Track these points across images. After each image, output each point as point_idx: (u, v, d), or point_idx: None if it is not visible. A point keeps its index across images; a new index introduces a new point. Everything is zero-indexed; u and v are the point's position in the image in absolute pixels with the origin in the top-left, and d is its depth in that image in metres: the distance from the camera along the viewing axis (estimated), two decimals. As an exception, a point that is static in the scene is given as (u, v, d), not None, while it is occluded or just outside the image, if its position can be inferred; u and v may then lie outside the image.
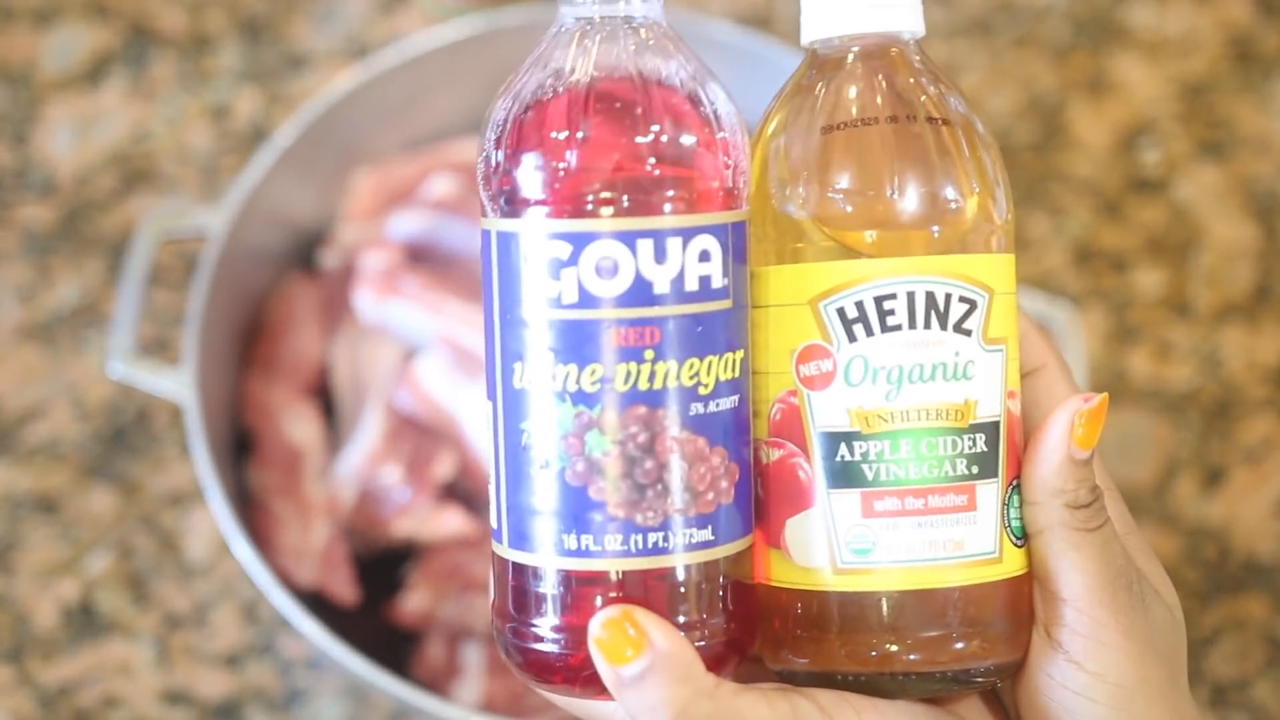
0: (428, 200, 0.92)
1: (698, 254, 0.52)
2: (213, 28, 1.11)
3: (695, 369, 0.52)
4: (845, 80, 0.55)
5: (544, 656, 0.53)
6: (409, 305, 0.87)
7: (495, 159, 0.53)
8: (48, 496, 0.95)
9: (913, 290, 0.53)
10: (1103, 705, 0.54)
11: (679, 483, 0.52)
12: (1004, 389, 0.55)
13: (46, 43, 1.10)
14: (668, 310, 0.52)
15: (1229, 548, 0.97)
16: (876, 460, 0.54)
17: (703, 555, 0.53)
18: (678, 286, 0.52)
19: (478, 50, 0.95)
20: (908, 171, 0.54)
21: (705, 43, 0.93)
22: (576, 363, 0.51)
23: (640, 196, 0.52)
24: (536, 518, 0.52)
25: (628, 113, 0.52)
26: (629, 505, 0.52)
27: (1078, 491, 0.54)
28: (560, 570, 0.52)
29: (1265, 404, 1.01)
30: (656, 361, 0.52)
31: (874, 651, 0.54)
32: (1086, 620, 0.54)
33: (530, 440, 0.52)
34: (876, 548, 0.54)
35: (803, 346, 0.54)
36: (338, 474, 0.87)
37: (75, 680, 0.91)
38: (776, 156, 0.55)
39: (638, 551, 0.52)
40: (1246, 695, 0.93)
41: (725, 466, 0.53)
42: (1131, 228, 1.06)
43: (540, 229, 0.51)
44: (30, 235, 1.03)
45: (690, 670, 0.51)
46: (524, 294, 0.52)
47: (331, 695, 0.91)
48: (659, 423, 0.52)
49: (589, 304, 0.51)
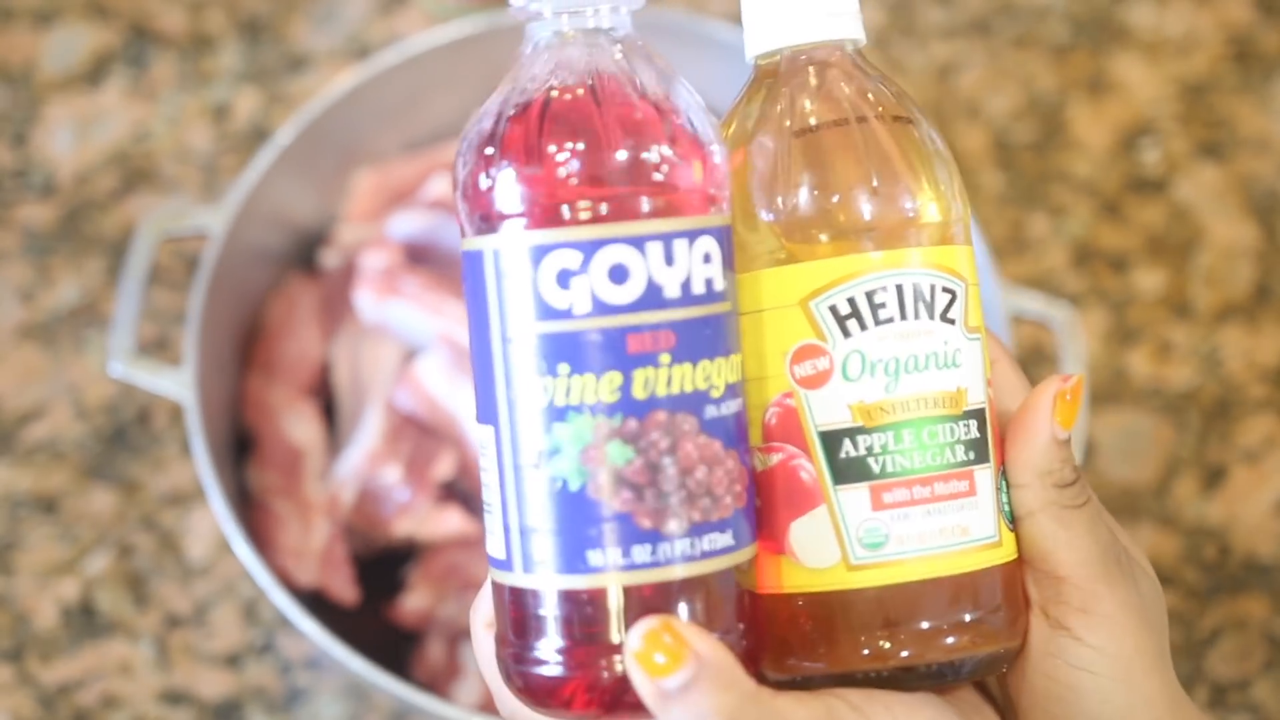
0: (427, 200, 0.92)
1: (702, 256, 0.52)
2: (213, 28, 1.11)
3: (707, 371, 0.52)
4: (799, 88, 0.57)
5: (569, 682, 0.51)
6: (409, 305, 0.87)
7: (487, 176, 0.52)
8: (48, 496, 0.96)
9: (901, 283, 0.54)
10: (1105, 677, 0.55)
11: (702, 488, 0.51)
12: (984, 376, 0.56)
13: (46, 43, 1.10)
14: (679, 314, 0.51)
15: (1229, 548, 0.97)
16: (882, 453, 0.54)
17: (725, 561, 0.52)
18: (686, 289, 0.52)
19: (478, 50, 0.95)
20: (884, 169, 0.55)
21: (705, 42, 0.94)
22: (594, 372, 0.51)
23: (646, 201, 0.52)
24: (555, 538, 0.51)
25: (628, 117, 0.52)
26: (655, 514, 0.51)
27: (1063, 470, 0.55)
28: (593, 588, 0.51)
29: (1265, 404, 1.01)
30: (673, 365, 0.51)
31: (894, 645, 0.54)
32: (1084, 595, 0.55)
33: (544, 459, 0.51)
34: (890, 540, 0.54)
35: (796, 347, 0.54)
36: (338, 474, 0.87)
37: (75, 680, 0.91)
38: (748, 165, 0.56)
39: (666, 561, 0.51)
40: (1246, 695, 0.93)
41: (738, 470, 0.53)
42: (1131, 228, 1.06)
43: (545, 240, 0.51)
44: (30, 235, 1.03)
45: (734, 676, 0.50)
46: (531, 309, 0.51)
47: (331, 695, 0.91)
48: (679, 428, 0.51)
49: (603, 312, 0.51)
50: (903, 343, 0.54)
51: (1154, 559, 0.96)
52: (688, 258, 0.51)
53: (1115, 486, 0.98)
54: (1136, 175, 1.07)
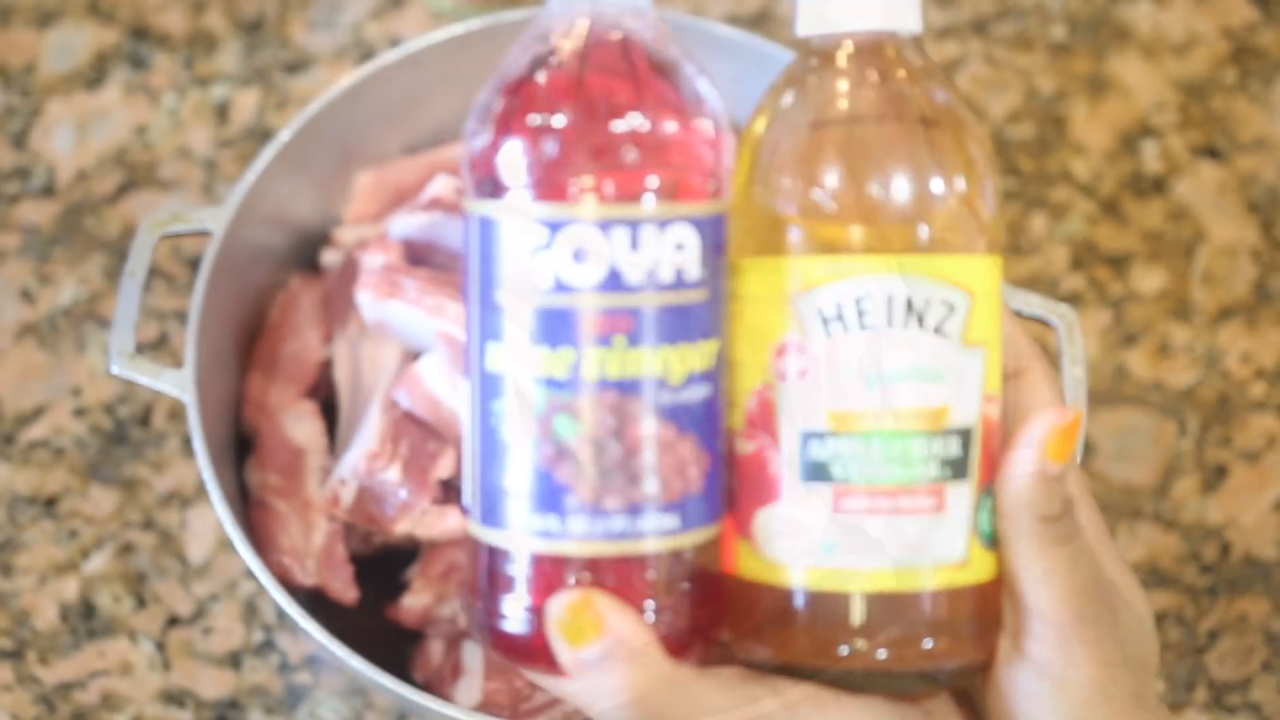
0: (427, 200, 0.92)
1: (674, 244, 0.52)
2: (213, 28, 1.11)
3: (667, 358, 0.52)
4: (837, 76, 0.55)
5: (510, 635, 0.53)
6: (409, 305, 0.87)
7: (478, 142, 0.53)
8: (48, 496, 0.95)
9: (892, 291, 0.53)
10: (1065, 715, 0.54)
11: (647, 470, 0.52)
12: (982, 393, 0.54)
13: (46, 43, 1.10)
14: (641, 299, 0.51)
15: (1229, 548, 0.97)
16: (848, 459, 0.53)
17: (668, 542, 0.53)
18: (653, 276, 0.52)
19: (478, 50, 0.95)
20: (893, 170, 0.54)
21: (705, 41, 0.93)
22: (549, 346, 0.51)
23: (619, 185, 0.52)
24: (507, 498, 0.53)
25: (610, 100, 0.52)
26: (596, 490, 0.52)
27: (1049, 504, 0.54)
28: (528, 551, 0.52)
29: (1265, 404, 1.01)
30: (629, 349, 0.51)
31: (839, 648, 0.54)
32: (1052, 632, 0.54)
33: (501, 421, 0.52)
34: (843, 546, 0.53)
35: (779, 341, 0.54)
36: (338, 474, 0.87)
37: (75, 680, 0.91)
38: (764, 150, 0.55)
39: (603, 536, 0.52)
40: (1246, 695, 0.93)
41: (695, 455, 0.53)
42: (1131, 228, 1.06)
43: (518, 213, 0.52)
44: (30, 235, 1.03)
45: (647, 655, 0.51)
46: (500, 277, 0.52)
47: (331, 695, 0.91)
48: (629, 410, 0.52)
49: (562, 290, 0.51)
50: (885, 352, 0.53)
51: (1154, 559, 0.96)
52: (656, 245, 0.51)
53: (1115, 486, 0.98)
54: (1136, 175, 1.07)
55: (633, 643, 0.51)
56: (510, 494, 0.52)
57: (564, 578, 0.52)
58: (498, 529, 0.53)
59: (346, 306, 0.91)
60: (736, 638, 0.55)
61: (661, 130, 0.52)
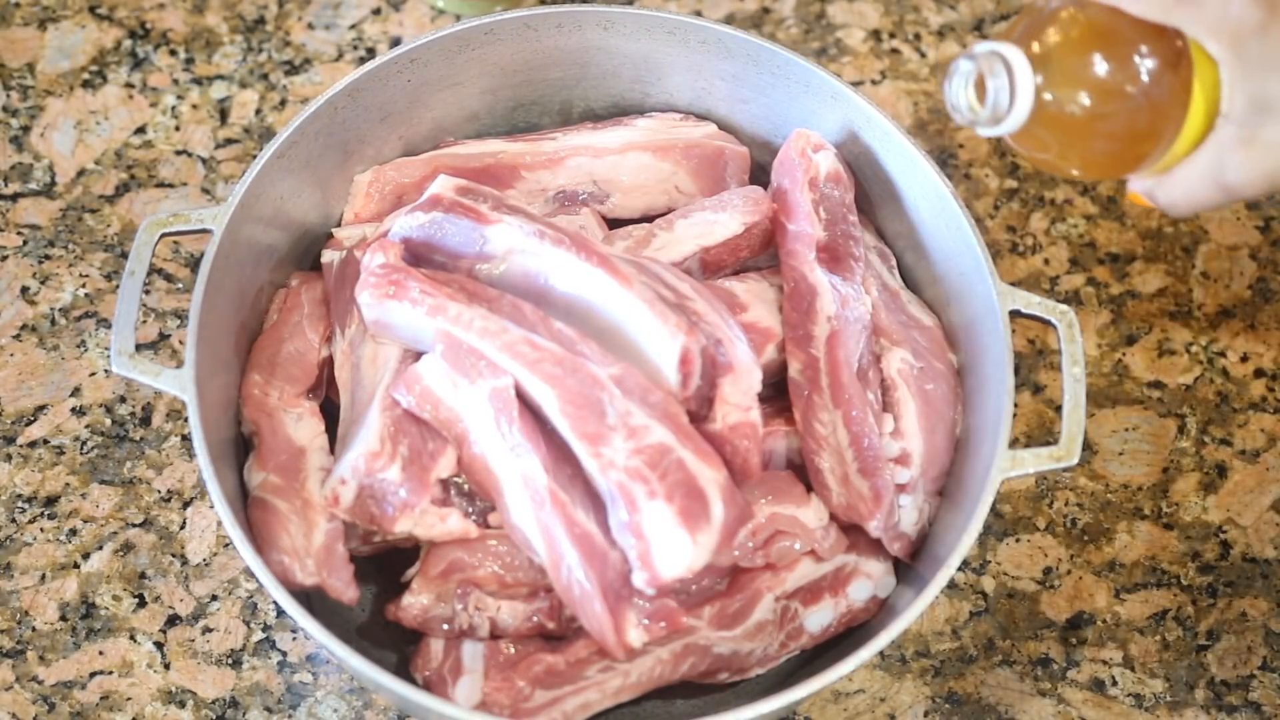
0: (427, 200, 0.92)
1: None
2: (213, 28, 1.11)
3: None
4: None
5: None
6: (409, 305, 0.87)
7: None
8: (48, 496, 0.96)
9: None
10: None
11: None
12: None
13: (46, 42, 1.10)
14: None
15: (1229, 548, 0.97)
16: None
17: None
18: None
19: (478, 50, 0.95)
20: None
21: (705, 41, 0.93)
22: None
23: None
24: None
25: None
26: None
27: None
28: None
29: (1265, 404, 1.01)
30: None
31: None
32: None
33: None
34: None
35: None
36: (338, 473, 0.87)
37: (75, 680, 0.91)
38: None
39: None
40: (1246, 695, 0.93)
41: None
42: (1131, 228, 1.06)
43: None
44: (30, 235, 1.03)
45: None
46: None
47: (331, 695, 0.91)
48: None
49: None
50: None
51: (1154, 559, 0.96)
52: None
53: (1115, 486, 0.98)
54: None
55: None
56: None
57: None
58: None
59: (346, 306, 0.91)
60: None
61: None
